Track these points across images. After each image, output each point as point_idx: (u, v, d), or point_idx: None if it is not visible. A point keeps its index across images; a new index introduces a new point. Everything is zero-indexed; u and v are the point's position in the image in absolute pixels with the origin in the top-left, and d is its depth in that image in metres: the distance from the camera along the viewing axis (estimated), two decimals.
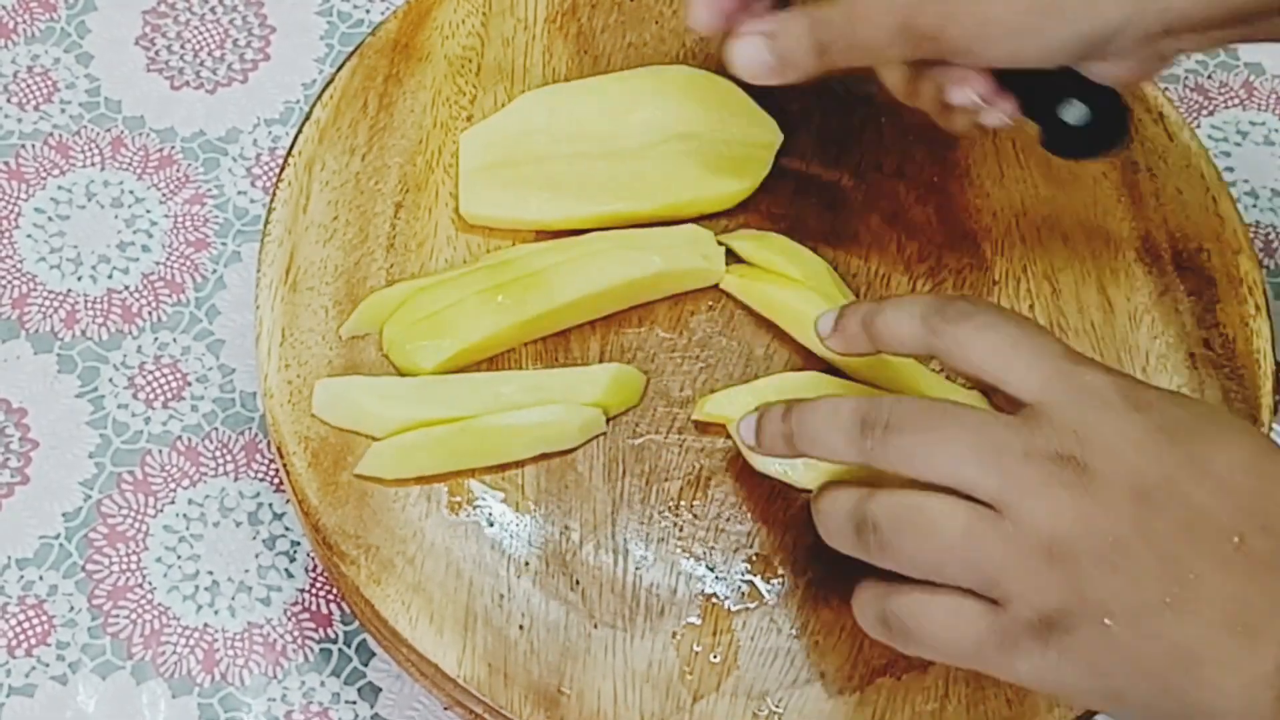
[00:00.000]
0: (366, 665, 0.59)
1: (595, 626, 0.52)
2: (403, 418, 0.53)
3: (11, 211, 0.68)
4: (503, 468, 0.54)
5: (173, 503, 0.62)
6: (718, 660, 0.51)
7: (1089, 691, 0.43)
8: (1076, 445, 0.42)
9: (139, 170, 0.69)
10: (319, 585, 0.60)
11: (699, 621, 0.52)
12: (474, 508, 0.53)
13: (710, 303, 0.58)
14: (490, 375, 0.55)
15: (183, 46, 0.72)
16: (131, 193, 0.69)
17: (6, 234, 0.67)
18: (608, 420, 0.55)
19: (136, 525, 0.61)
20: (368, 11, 0.74)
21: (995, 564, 0.43)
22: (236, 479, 0.62)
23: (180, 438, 0.63)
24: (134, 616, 0.59)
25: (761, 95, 0.60)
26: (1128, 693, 0.42)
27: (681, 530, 0.54)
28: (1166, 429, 0.43)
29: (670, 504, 0.54)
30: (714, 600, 0.52)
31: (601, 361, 0.56)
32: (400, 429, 0.53)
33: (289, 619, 0.60)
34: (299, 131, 0.59)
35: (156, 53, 0.72)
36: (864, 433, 0.45)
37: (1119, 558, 0.41)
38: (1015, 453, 0.43)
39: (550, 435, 0.53)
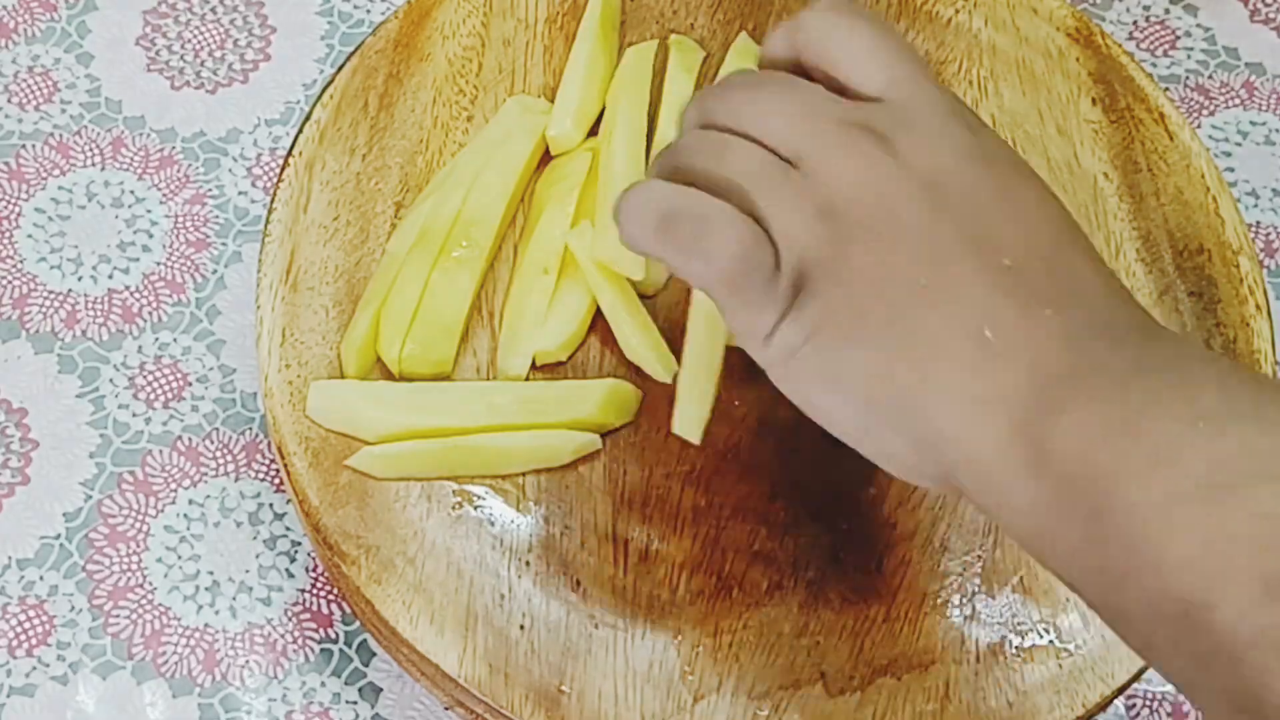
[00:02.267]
0: (367, 665, 0.59)
1: (596, 627, 0.52)
2: (395, 424, 0.53)
3: (12, 211, 0.68)
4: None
5: (173, 503, 0.62)
6: (719, 660, 0.51)
7: (817, 363, 0.42)
8: (892, 125, 0.42)
9: (139, 170, 0.69)
10: (320, 585, 0.60)
11: (700, 621, 0.52)
12: (475, 508, 0.53)
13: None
14: (485, 385, 0.55)
15: (183, 46, 0.72)
16: (132, 193, 0.69)
17: (7, 234, 0.67)
18: (604, 436, 0.55)
19: (137, 525, 0.61)
20: (368, 12, 0.74)
21: (773, 203, 0.42)
22: (237, 479, 0.62)
23: (181, 438, 0.63)
24: (134, 617, 0.59)
25: None
26: (858, 365, 0.41)
27: (682, 530, 0.54)
28: (986, 151, 0.43)
29: (671, 503, 0.54)
30: (715, 600, 0.52)
31: (601, 365, 0.56)
32: (392, 435, 0.53)
33: (290, 619, 0.60)
34: (299, 131, 0.59)
35: (157, 53, 0.72)
36: (699, 104, 0.45)
37: (887, 228, 0.41)
38: (830, 117, 0.43)
39: (544, 456, 0.54)
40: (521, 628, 0.51)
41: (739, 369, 0.57)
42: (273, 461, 0.63)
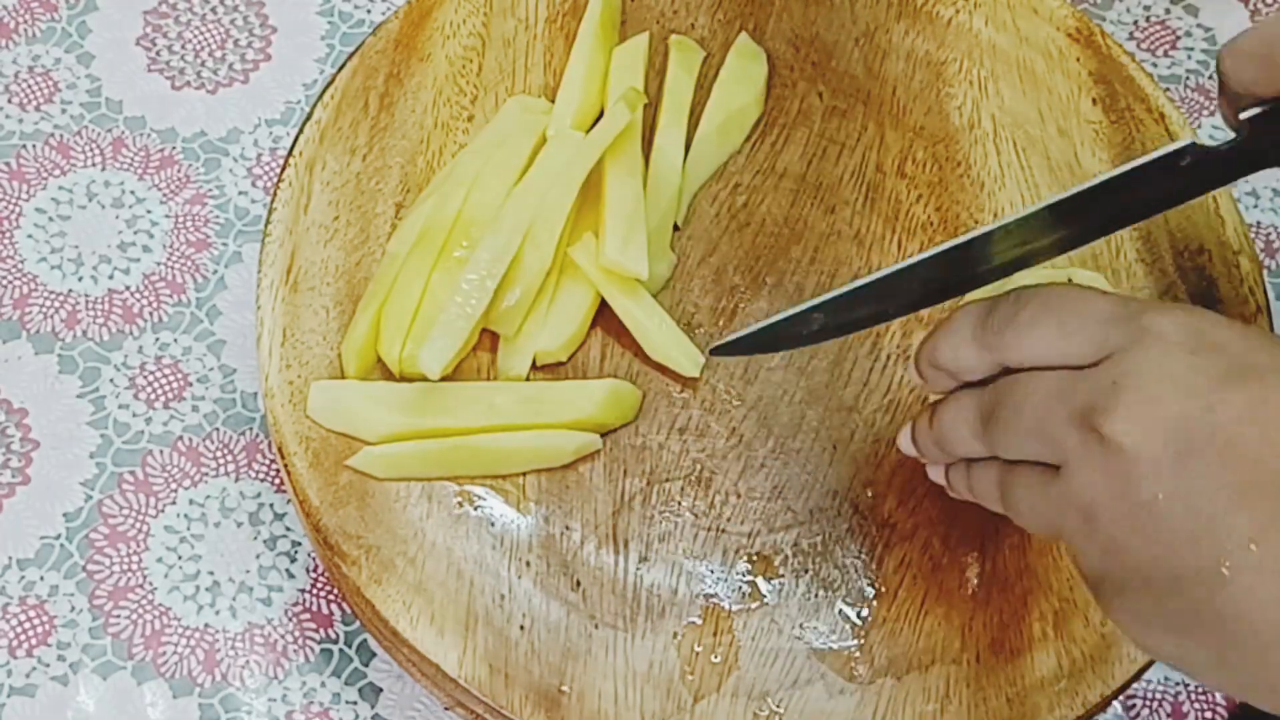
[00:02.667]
0: (367, 665, 0.59)
1: (596, 627, 0.52)
2: (396, 425, 0.53)
3: (12, 212, 0.68)
4: None
5: (174, 503, 0.62)
6: (719, 660, 0.51)
7: (1151, 648, 0.41)
8: (1113, 393, 0.39)
9: (140, 170, 0.69)
10: (320, 585, 0.60)
11: (700, 622, 0.52)
12: (475, 508, 0.53)
13: (711, 303, 0.58)
14: (485, 385, 0.55)
15: (184, 47, 0.72)
16: (132, 193, 0.69)
17: (7, 234, 0.67)
18: (604, 436, 0.55)
19: (137, 525, 0.61)
20: (369, 12, 0.74)
21: (1057, 527, 0.42)
22: (237, 479, 0.62)
23: (181, 438, 0.63)
24: (135, 617, 0.59)
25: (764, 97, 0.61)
26: (1185, 655, 0.40)
27: (682, 530, 0.54)
28: (1231, 372, 0.39)
29: (671, 504, 0.54)
30: (715, 600, 0.52)
31: (602, 365, 0.56)
32: (393, 436, 0.53)
33: (290, 619, 0.60)
34: (300, 132, 0.59)
35: (157, 53, 0.72)
36: (982, 421, 0.44)
37: (1159, 523, 0.38)
38: (1059, 416, 0.41)
39: (544, 455, 0.54)
40: (522, 628, 0.51)
41: (739, 369, 0.57)
42: (273, 462, 0.63)
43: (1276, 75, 0.45)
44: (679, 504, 0.54)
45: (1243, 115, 0.47)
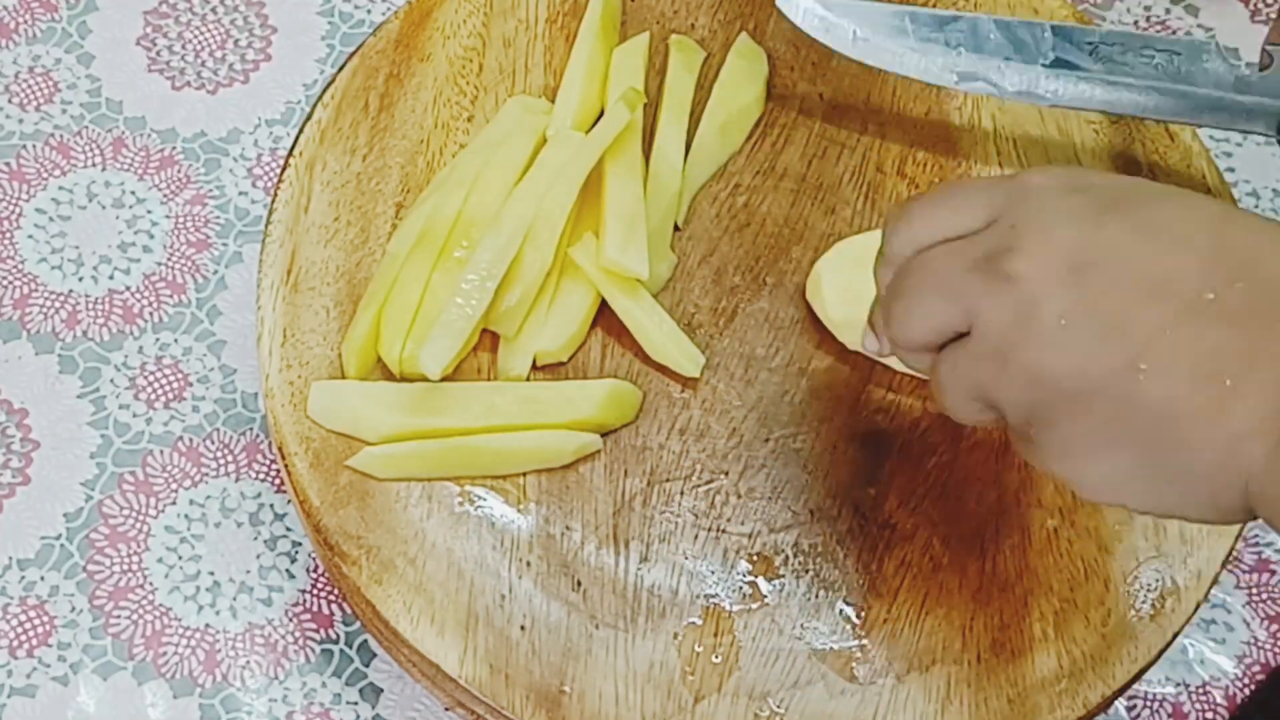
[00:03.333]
0: (368, 666, 0.59)
1: (597, 627, 0.52)
2: (396, 425, 0.53)
3: (13, 212, 0.68)
4: None
5: (174, 503, 0.62)
6: (719, 661, 0.51)
7: (1086, 480, 0.42)
8: (1010, 235, 0.42)
9: (140, 171, 0.69)
10: (320, 586, 0.60)
11: (700, 622, 0.52)
12: (475, 508, 0.53)
13: (711, 303, 0.58)
14: (485, 385, 0.55)
15: (184, 47, 0.72)
16: (133, 193, 0.69)
17: (8, 234, 0.67)
18: (604, 436, 0.55)
19: (138, 526, 0.61)
20: (369, 12, 0.74)
21: (978, 385, 0.43)
22: (238, 479, 0.62)
23: (181, 438, 0.63)
24: (135, 617, 0.59)
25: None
26: (1115, 470, 0.41)
27: (683, 531, 0.54)
28: (1108, 202, 0.42)
29: (672, 504, 0.54)
30: (715, 601, 0.52)
31: (602, 365, 0.56)
32: (393, 436, 0.53)
33: (290, 620, 0.60)
34: (300, 132, 0.59)
35: (158, 53, 0.72)
36: (878, 317, 0.46)
37: (1069, 336, 0.41)
38: (959, 271, 0.43)
39: (545, 456, 0.54)
40: (522, 628, 0.51)
41: (739, 370, 0.57)
42: (273, 462, 0.63)
43: None
44: (679, 504, 0.54)
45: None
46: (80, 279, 0.66)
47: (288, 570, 0.61)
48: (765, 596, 0.53)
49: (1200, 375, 0.39)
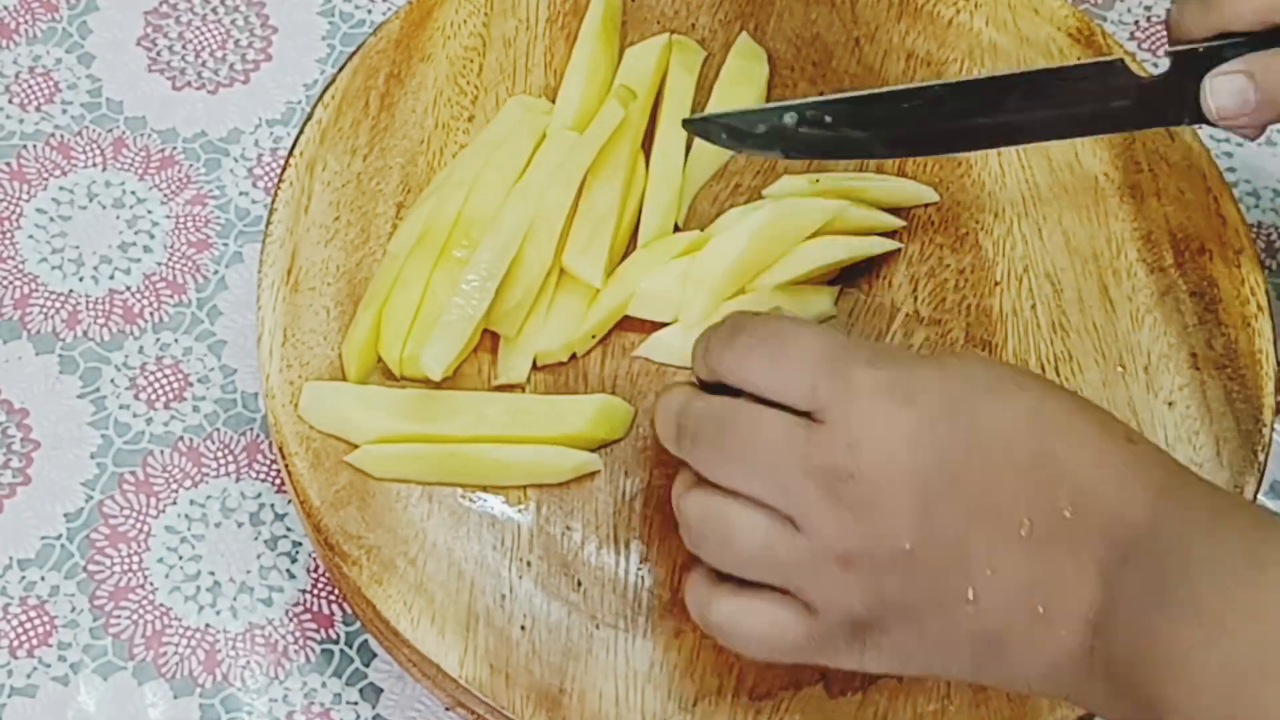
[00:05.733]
0: (368, 666, 0.59)
1: (597, 627, 0.52)
2: (385, 429, 0.53)
3: (13, 212, 0.68)
4: None
5: (174, 503, 0.62)
6: (719, 661, 0.51)
7: (912, 671, 0.47)
8: (850, 456, 0.43)
9: (140, 171, 0.69)
10: (320, 586, 0.60)
11: None
12: (475, 509, 0.53)
13: None
14: (475, 395, 0.55)
15: (184, 47, 0.72)
16: (133, 193, 0.69)
17: (8, 235, 0.67)
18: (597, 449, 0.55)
19: (138, 526, 0.61)
20: (369, 12, 0.74)
21: (796, 574, 0.44)
22: (238, 479, 0.62)
23: (182, 438, 0.63)
24: (135, 617, 0.59)
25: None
26: (947, 669, 0.45)
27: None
28: (942, 417, 0.43)
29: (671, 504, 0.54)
30: None
31: (603, 365, 0.56)
32: (382, 440, 0.53)
33: (290, 620, 0.60)
34: (300, 132, 0.59)
35: (158, 53, 0.72)
36: (678, 439, 0.47)
37: (911, 566, 0.42)
38: (795, 471, 0.43)
39: (541, 471, 0.53)
40: (522, 628, 0.51)
41: None
42: (274, 462, 0.63)
43: (1213, 23, 0.51)
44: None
45: (1171, 49, 0.53)
46: (80, 279, 0.66)
47: (288, 570, 0.61)
48: None
49: (1018, 605, 0.42)
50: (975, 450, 0.42)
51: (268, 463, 0.63)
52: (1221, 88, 0.52)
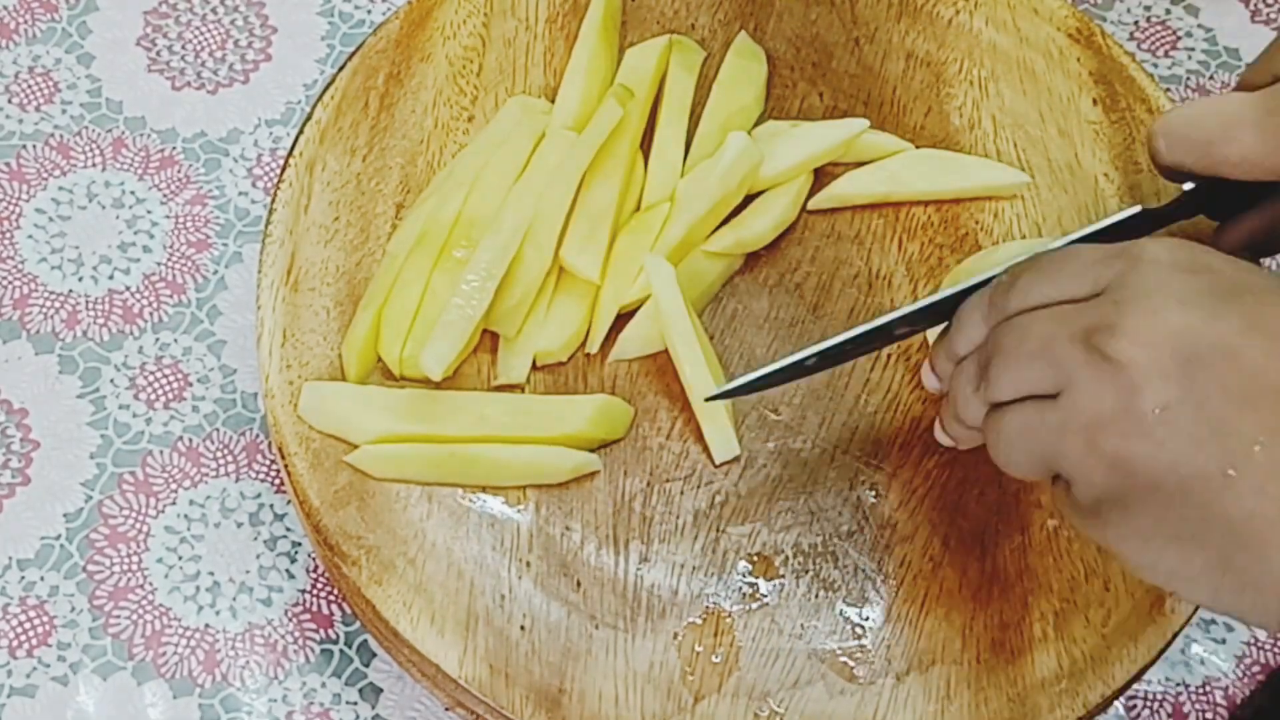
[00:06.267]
0: (368, 666, 0.59)
1: (596, 627, 0.52)
2: (384, 429, 0.53)
3: (13, 212, 0.68)
4: None
5: (174, 503, 0.62)
6: (719, 661, 0.51)
7: (1150, 565, 0.42)
8: (1115, 310, 0.41)
9: (140, 171, 0.69)
10: (320, 586, 0.60)
11: (700, 622, 0.52)
12: (475, 509, 0.53)
13: (711, 302, 0.58)
14: (475, 396, 0.55)
15: (184, 47, 0.72)
16: (133, 193, 0.69)
17: (8, 235, 0.67)
18: (597, 449, 0.55)
19: (137, 526, 0.61)
20: (369, 12, 0.74)
21: (1054, 454, 0.42)
22: (238, 480, 0.62)
23: (181, 438, 0.63)
24: (135, 617, 0.59)
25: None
26: (1187, 565, 0.41)
27: (683, 531, 0.54)
28: (1220, 291, 0.41)
29: (671, 504, 0.54)
30: (715, 601, 0.52)
31: (603, 365, 0.56)
32: (381, 440, 0.53)
33: (290, 620, 0.60)
34: (300, 132, 0.59)
35: (158, 53, 0.72)
36: (978, 375, 0.45)
37: (1166, 430, 0.40)
38: (1061, 339, 0.42)
39: (541, 471, 0.53)
40: (522, 628, 0.51)
41: (740, 370, 0.57)
42: (273, 462, 0.63)
43: (1208, 165, 0.49)
44: (679, 504, 0.54)
45: (1186, 186, 0.52)
46: (80, 279, 0.66)
47: (288, 570, 0.61)
48: (765, 596, 0.53)
49: None
50: (1261, 333, 0.40)
51: (267, 463, 0.63)
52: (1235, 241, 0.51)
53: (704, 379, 0.54)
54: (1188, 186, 0.52)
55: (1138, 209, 0.51)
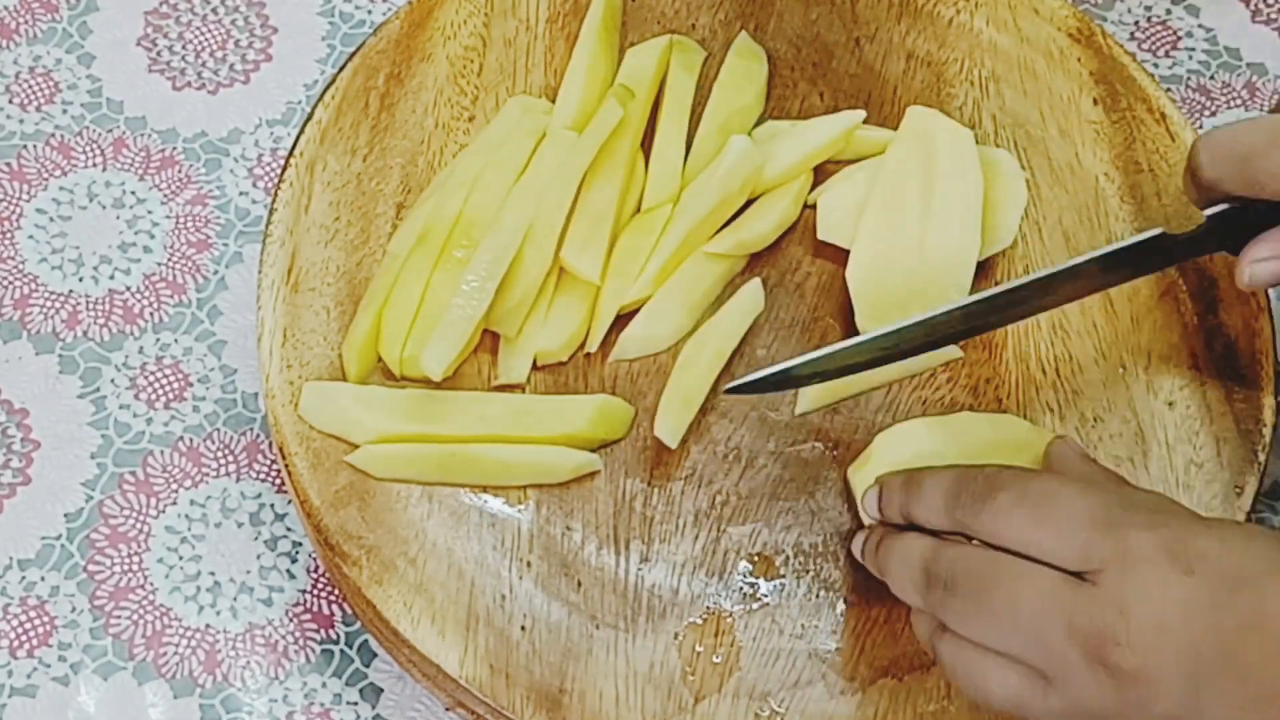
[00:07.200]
0: (368, 666, 0.59)
1: (597, 627, 0.52)
2: (385, 429, 0.53)
3: (13, 212, 0.68)
4: None
5: (174, 503, 0.62)
6: (720, 661, 0.51)
7: None
8: (1121, 621, 0.41)
9: (140, 171, 0.69)
10: (321, 586, 0.60)
11: (701, 622, 0.52)
12: (476, 508, 0.53)
13: (713, 304, 0.58)
14: (475, 396, 0.55)
15: (184, 47, 0.72)
16: (133, 193, 0.69)
17: (8, 235, 0.67)
18: (597, 449, 0.55)
19: (138, 526, 0.61)
20: (369, 12, 0.74)
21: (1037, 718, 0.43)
22: (238, 480, 0.62)
23: (182, 438, 0.63)
24: (136, 617, 0.59)
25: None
26: None
27: (683, 531, 0.54)
28: (1221, 589, 0.41)
29: (672, 505, 0.54)
30: (716, 601, 0.52)
31: (603, 365, 0.56)
32: (381, 440, 0.53)
33: (291, 620, 0.60)
34: (300, 132, 0.59)
35: (158, 53, 0.72)
36: (927, 588, 0.46)
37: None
38: (1058, 630, 0.42)
39: (543, 471, 0.53)
40: (523, 628, 0.51)
41: (741, 370, 0.57)
42: (274, 462, 0.63)
43: (1246, 178, 0.49)
44: (679, 504, 0.54)
45: (1208, 211, 0.51)
46: (80, 279, 0.66)
47: (288, 570, 0.61)
48: (765, 597, 0.53)
49: None
50: (1257, 632, 0.40)
51: (268, 463, 0.63)
52: (1262, 273, 0.51)
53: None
54: (1210, 212, 0.52)
55: (1158, 232, 0.52)
